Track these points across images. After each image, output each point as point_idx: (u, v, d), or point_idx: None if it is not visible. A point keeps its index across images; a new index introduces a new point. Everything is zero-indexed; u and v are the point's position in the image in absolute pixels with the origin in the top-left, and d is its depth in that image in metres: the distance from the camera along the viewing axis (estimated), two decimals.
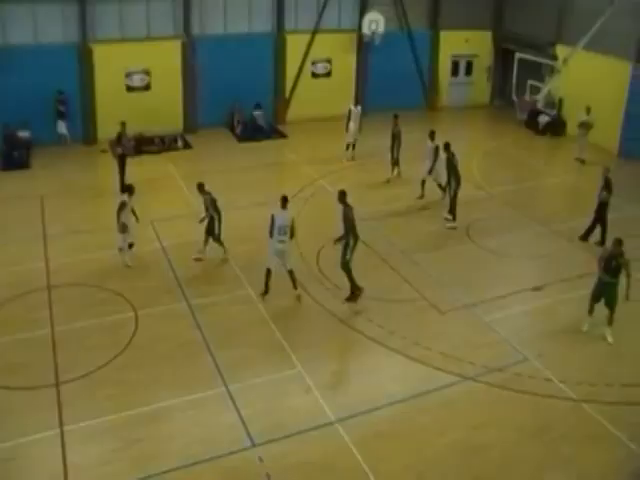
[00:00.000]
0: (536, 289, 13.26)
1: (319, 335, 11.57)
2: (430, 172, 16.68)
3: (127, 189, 13.68)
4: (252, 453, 8.94)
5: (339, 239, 12.14)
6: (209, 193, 13.44)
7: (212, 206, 13.33)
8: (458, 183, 15.60)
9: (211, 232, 13.52)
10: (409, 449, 9.17)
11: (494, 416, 9.88)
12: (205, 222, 13.50)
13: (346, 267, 12.23)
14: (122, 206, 13.13)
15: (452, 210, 15.69)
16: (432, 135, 16.70)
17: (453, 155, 15.62)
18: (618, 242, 11.52)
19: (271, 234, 12.06)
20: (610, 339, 11.78)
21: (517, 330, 11.96)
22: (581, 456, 9.20)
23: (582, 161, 20.41)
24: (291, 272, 12.36)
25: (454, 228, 15.59)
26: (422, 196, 16.98)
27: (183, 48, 21.06)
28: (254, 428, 9.34)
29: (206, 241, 13.63)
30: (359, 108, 19.32)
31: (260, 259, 13.75)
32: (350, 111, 19.29)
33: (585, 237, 15.38)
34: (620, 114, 20.95)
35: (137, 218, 13.68)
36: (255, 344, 11.17)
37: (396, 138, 18.02)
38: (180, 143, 20.46)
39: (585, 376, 10.75)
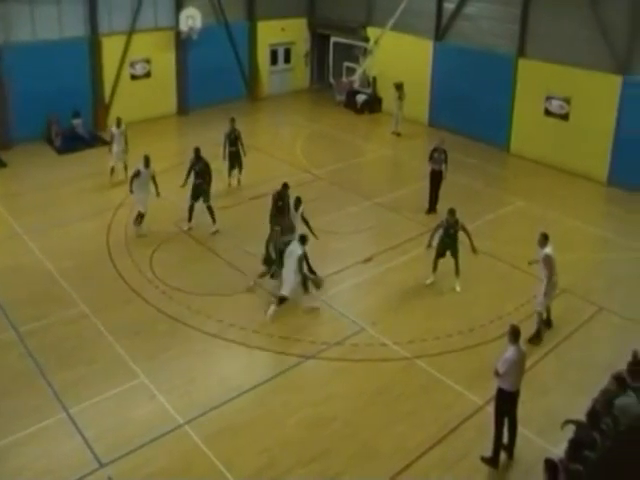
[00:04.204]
0: (366, 260, 14.00)
1: (159, 340, 11.40)
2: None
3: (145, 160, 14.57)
4: (101, 474, 8.68)
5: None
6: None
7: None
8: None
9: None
10: (260, 436, 9.37)
11: (336, 388, 10.36)
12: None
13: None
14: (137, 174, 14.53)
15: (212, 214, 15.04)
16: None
17: (206, 164, 15.04)
18: (451, 212, 12.54)
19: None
20: (458, 288, 12.83)
21: (352, 303, 12.57)
22: (419, 406, 9.98)
23: (398, 134, 21.74)
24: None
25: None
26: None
27: None
28: (100, 448, 9.08)
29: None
30: (123, 128, 17.73)
31: (91, 272, 13.34)
32: (112, 132, 17.82)
33: (431, 209, 15.99)
34: (427, 87, 22.55)
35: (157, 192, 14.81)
36: (93, 361, 10.80)
37: (238, 140, 16.99)
38: None
39: (416, 334, 11.59)
